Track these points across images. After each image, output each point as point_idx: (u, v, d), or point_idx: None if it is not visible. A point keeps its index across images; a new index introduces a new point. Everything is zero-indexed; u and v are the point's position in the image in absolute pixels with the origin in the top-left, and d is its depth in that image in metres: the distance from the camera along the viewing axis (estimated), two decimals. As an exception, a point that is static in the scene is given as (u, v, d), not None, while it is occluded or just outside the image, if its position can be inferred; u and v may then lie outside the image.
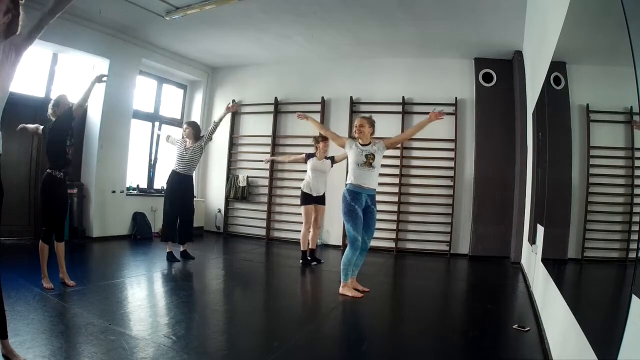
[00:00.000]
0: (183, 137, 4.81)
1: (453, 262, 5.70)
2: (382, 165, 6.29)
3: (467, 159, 6.07)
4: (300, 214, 5.00)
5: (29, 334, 2.28)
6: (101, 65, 5.78)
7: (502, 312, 3.46)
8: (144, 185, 6.75)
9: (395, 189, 6.20)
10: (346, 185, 3.61)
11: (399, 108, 6.30)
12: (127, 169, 6.16)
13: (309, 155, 4.91)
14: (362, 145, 3.61)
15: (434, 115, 3.50)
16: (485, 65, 5.99)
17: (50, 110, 3.47)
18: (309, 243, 4.98)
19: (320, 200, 4.94)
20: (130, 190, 6.37)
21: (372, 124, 3.69)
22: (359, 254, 3.54)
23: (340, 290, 3.57)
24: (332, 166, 4.97)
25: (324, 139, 4.81)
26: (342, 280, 3.59)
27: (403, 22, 5.06)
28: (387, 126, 6.34)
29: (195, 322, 2.81)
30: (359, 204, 3.49)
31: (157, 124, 6.90)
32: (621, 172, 1.44)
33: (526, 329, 2.79)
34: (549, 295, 2.60)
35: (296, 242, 5.23)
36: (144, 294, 3.55)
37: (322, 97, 6.70)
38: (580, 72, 2.04)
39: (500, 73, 5.92)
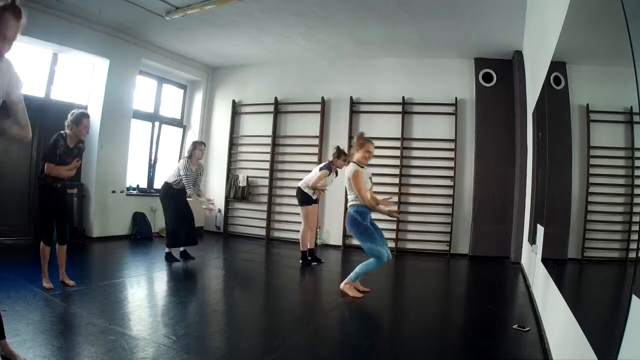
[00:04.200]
0: (196, 157, 4.70)
1: (453, 262, 5.70)
2: (383, 166, 6.36)
3: (467, 159, 6.07)
4: (299, 213, 5.00)
5: (28, 334, 2.28)
6: (101, 65, 5.78)
7: (502, 312, 3.46)
8: (144, 185, 6.75)
9: (395, 189, 6.20)
10: (353, 207, 3.56)
11: (399, 108, 6.30)
12: (127, 169, 6.16)
13: (328, 168, 4.77)
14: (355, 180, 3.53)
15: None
16: (485, 65, 5.99)
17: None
18: (307, 243, 4.97)
19: (317, 200, 4.95)
20: (130, 190, 6.37)
21: None
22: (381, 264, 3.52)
23: (342, 286, 3.56)
24: None
25: (346, 156, 4.75)
26: (349, 279, 3.56)
27: (403, 22, 5.06)
28: (387, 126, 6.37)
29: (195, 322, 2.81)
30: (368, 221, 3.55)
31: (157, 124, 6.89)
32: (621, 172, 1.44)
33: (526, 329, 2.79)
34: (549, 295, 2.60)
35: (296, 242, 5.23)
36: (144, 294, 3.55)
37: (322, 97, 6.70)
38: (580, 72, 2.04)
39: (500, 73, 5.92)
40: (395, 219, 3.53)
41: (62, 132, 3.24)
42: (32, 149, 5.29)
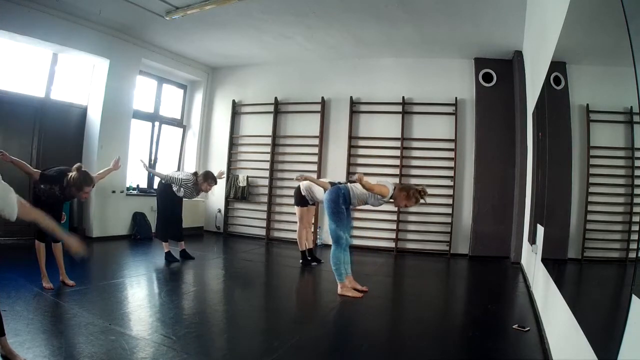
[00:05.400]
0: (200, 189, 4.67)
1: (453, 262, 5.69)
2: (382, 166, 6.37)
3: (467, 159, 6.07)
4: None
5: (28, 334, 2.28)
6: (101, 65, 5.78)
7: (502, 312, 3.46)
8: (144, 185, 6.74)
9: (395, 189, 6.19)
10: (341, 185, 3.68)
11: (399, 108, 6.30)
12: (127, 169, 6.15)
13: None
14: (382, 198, 3.58)
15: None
16: (485, 65, 5.99)
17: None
18: (306, 243, 4.97)
19: (313, 203, 4.94)
20: (130, 190, 6.37)
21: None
22: (344, 250, 3.62)
23: (339, 291, 3.56)
24: None
25: None
26: (338, 280, 3.60)
27: (403, 22, 5.06)
28: (387, 126, 6.37)
29: (195, 322, 2.81)
30: (346, 204, 3.62)
31: (157, 123, 6.89)
32: (621, 172, 1.44)
33: (526, 329, 2.79)
34: (549, 295, 2.60)
35: (296, 242, 5.22)
36: (144, 294, 3.55)
37: (322, 97, 6.70)
38: (580, 72, 2.04)
39: (500, 73, 5.91)
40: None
41: (67, 174, 3.09)
42: (31, 149, 5.29)
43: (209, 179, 4.63)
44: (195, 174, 4.70)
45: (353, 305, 3.38)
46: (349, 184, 3.72)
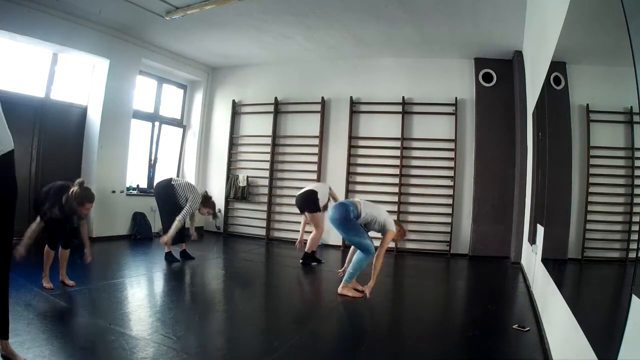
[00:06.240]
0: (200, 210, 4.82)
1: (453, 262, 5.70)
2: (383, 166, 6.36)
3: (467, 159, 6.07)
4: (298, 213, 5.01)
5: (29, 334, 2.28)
6: (101, 65, 5.78)
7: (502, 312, 3.46)
8: (144, 185, 6.74)
9: (395, 189, 6.20)
10: (346, 201, 3.70)
11: (399, 108, 6.30)
12: (127, 169, 6.16)
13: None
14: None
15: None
16: (485, 65, 5.99)
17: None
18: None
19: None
20: (130, 190, 6.37)
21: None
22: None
23: (340, 290, 3.57)
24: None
25: None
26: (345, 281, 3.59)
27: (403, 22, 5.06)
28: (387, 126, 6.37)
29: (195, 322, 2.81)
30: (355, 217, 3.59)
31: (157, 124, 6.89)
32: (621, 172, 1.44)
33: (526, 329, 2.79)
34: (549, 295, 2.60)
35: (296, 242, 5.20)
36: (144, 294, 3.55)
37: (322, 97, 6.70)
38: (580, 72, 2.04)
39: (500, 73, 5.92)
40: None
41: (69, 188, 3.11)
42: (31, 149, 5.28)
43: (210, 207, 4.84)
44: (203, 195, 4.78)
45: (353, 305, 3.38)
46: (358, 201, 3.72)
